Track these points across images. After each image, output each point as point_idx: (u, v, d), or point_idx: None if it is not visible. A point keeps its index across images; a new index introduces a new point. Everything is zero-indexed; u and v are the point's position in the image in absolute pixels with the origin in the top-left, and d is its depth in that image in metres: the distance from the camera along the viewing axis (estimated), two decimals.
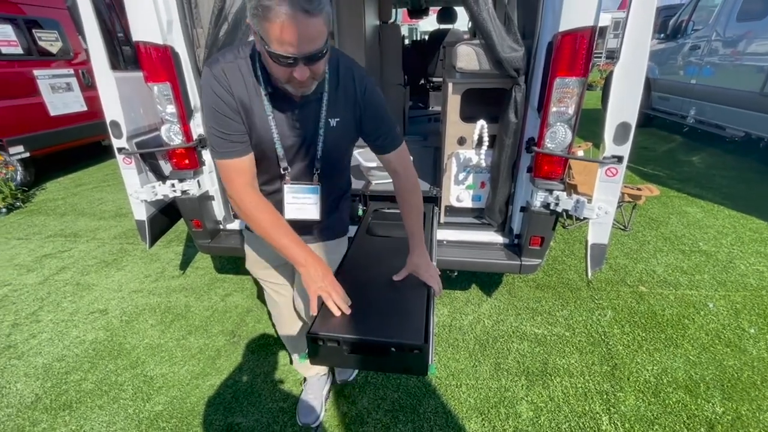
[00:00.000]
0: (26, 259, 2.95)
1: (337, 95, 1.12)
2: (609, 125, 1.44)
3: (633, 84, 1.38)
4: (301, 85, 0.98)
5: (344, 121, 1.14)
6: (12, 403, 1.73)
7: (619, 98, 1.40)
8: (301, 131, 1.11)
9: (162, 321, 2.22)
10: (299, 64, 0.90)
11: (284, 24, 0.83)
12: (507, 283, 2.47)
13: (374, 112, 1.16)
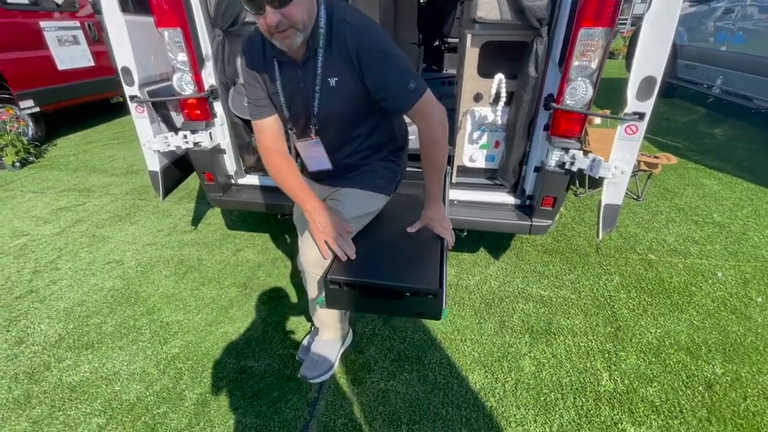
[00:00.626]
0: (43, 212, 3.01)
1: (331, 52, 1.09)
2: (633, 79, 1.39)
3: (663, 34, 1.31)
4: (283, 36, 1.00)
5: (343, 80, 1.12)
6: (37, 342, 1.82)
7: (647, 49, 1.34)
8: (303, 92, 1.17)
9: (176, 272, 2.29)
10: (266, 8, 0.93)
11: None
12: (515, 247, 2.48)
13: (380, 71, 1.07)
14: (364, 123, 1.28)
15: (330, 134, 1.26)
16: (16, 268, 2.34)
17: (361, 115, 1.24)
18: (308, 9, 1.01)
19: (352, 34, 1.06)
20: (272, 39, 1.02)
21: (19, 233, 2.72)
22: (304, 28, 1.01)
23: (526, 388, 1.59)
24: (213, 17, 1.75)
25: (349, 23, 1.07)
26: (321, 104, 1.17)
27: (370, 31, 1.08)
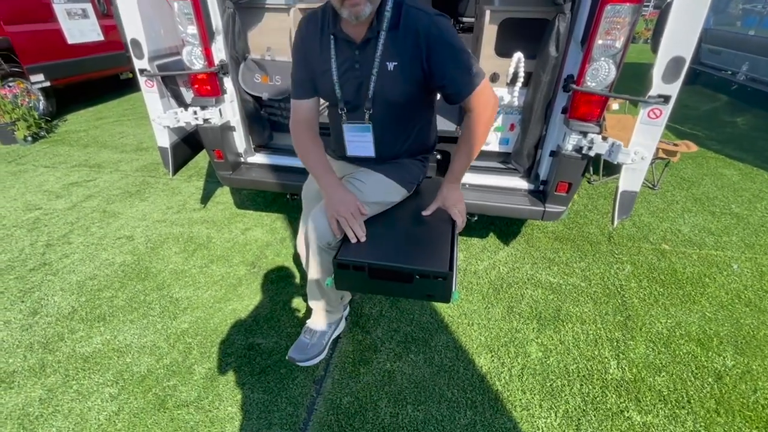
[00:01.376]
0: (54, 186, 3.04)
1: (396, 36, 1.10)
2: (661, 58, 1.32)
3: (695, 11, 1.23)
4: (353, 3, 1.00)
5: (403, 65, 1.13)
6: (51, 313, 1.85)
7: (677, 28, 1.27)
8: (359, 72, 1.16)
9: (185, 249, 2.30)
10: None
11: None
12: (525, 234, 2.44)
13: (446, 56, 1.09)
14: (415, 115, 1.29)
15: (382, 121, 1.25)
16: (30, 241, 2.38)
17: (415, 103, 1.24)
18: None
19: (425, 20, 1.08)
20: (341, 7, 1.02)
21: (32, 207, 2.75)
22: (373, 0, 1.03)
23: (533, 373, 1.58)
24: None
25: (422, 10, 1.09)
26: (377, 87, 1.17)
27: (442, 20, 1.09)
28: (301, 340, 1.48)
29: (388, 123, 1.25)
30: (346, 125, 1.28)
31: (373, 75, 1.15)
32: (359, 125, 1.26)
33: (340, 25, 1.13)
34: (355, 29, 1.12)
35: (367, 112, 1.22)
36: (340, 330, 1.64)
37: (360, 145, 1.32)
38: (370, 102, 1.20)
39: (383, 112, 1.22)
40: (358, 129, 1.28)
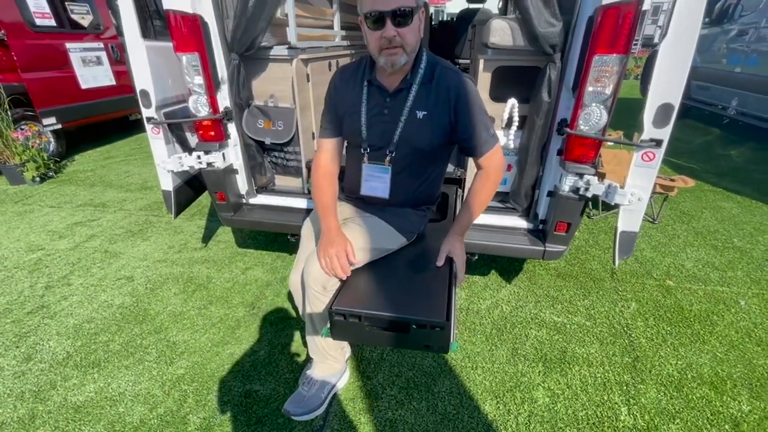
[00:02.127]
0: (58, 226, 3.07)
1: (429, 90, 1.22)
2: (650, 105, 1.37)
3: (680, 60, 1.29)
4: (391, 53, 1.13)
5: (432, 116, 1.23)
6: (45, 359, 1.82)
7: (664, 76, 1.32)
8: (387, 118, 1.27)
9: (184, 290, 2.29)
10: (387, 22, 1.08)
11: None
12: (527, 271, 2.43)
13: (472, 114, 1.22)
14: (432, 164, 1.38)
15: (401, 165, 1.33)
16: (30, 283, 2.37)
17: (435, 151, 1.34)
18: (417, 39, 1.18)
19: (456, 79, 1.24)
20: (379, 55, 1.17)
21: (35, 247, 2.76)
22: (410, 52, 1.17)
23: (540, 421, 1.52)
24: (230, 42, 1.80)
25: (454, 71, 1.26)
26: (403, 133, 1.26)
27: (470, 81, 1.25)
28: (299, 392, 1.44)
29: (406, 168, 1.33)
30: (366, 165, 1.36)
31: (401, 122, 1.25)
32: (379, 167, 1.35)
33: (375, 74, 1.27)
34: (389, 79, 1.25)
35: (389, 155, 1.31)
36: (342, 383, 1.59)
37: (376, 186, 1.39)
38: (394, 146, 1.29)
39: (405, 157, 1.31)
40: (377, 170, 1.35)
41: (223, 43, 1.82)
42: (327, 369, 1.47)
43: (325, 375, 1.48)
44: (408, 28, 1.12)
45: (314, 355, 1.47)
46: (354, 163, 1.43)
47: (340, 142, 1.44)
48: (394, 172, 1.35)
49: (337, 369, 1.50)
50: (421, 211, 1.47)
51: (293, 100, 2.01)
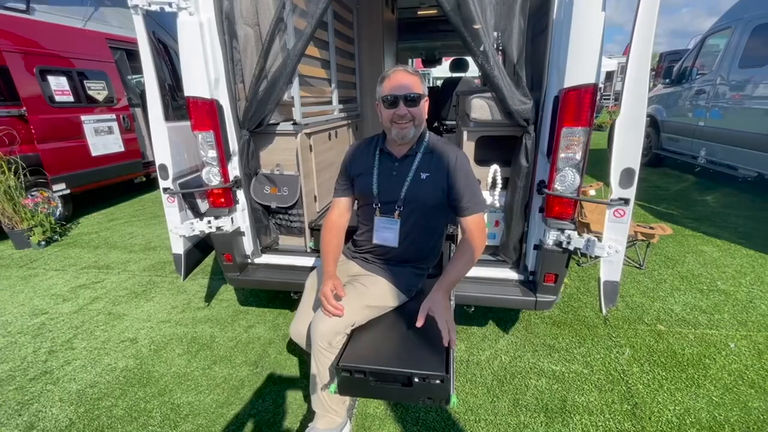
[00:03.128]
0: (62, 289, 3.12)
1: (431, 158, 1.50)
2: (614, 170, 1.56)
3: (634, 132, 1.51)
4: (401, 127, 1.42)
5: (433, 178, 1.49)
6: (47, 428, 1.81)
7: (622, 146, 1.53)
8: (395, 179, 1.52)
9: (188, 350, 2.32)
10: (400, 103, 1.40)
11: (393, 76, 1.43)
12: (523, 320, 2.50)
13: (462, 179, 1.47)
14: (435, 221, 1.60)
15: (408, 218, 1.55)
16: (33, 348, 2.39)
17: (437, 208, 1.56)
18: (423, 117, 1.49)
19: (453, 151, 1.53)
20: (391, 127, 1.47)
21: (39, 312, 2.80)
22: (417, 126, 1.48)
23: None
24: (241, 120, 2.02)
25: (451, 146, 1.57)
26: (409, 190, 1.52)
27: (463, 155, 1.54)
28: None
29: (413, 220, 1.54)
30: (378, 218, 1.57)
31: (407, 181, 1.50)
32: (389, 219, 1.57)
33: (386, 145, 1.57)
34: (398, 149, 1.53)
35: (398, 209, 1.52)
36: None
37: (387, 236, 1.59)
38: (402, 201, 1.51)
39: (411, 211, 1.53)
40: (388, 222, 1.57)
41: (234, 121, 2.04)
42: (329, 423, 1.51)
43: (328, 428, 1.51)
44: (417, 108, 1.43)
45: (317, 409, 1.51)
46: (367, 218, 1.64)
47: (350, 201, 1.70)
48: (402, 224, 1.56)
49: (338, 423, 1.54)
50: (420, 270, 1.62)
51: (297, 168, 2.20)
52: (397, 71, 1.45)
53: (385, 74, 1.48)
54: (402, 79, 1.42)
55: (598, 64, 1.54)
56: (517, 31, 1.70)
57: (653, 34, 1.41)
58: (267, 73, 1.93)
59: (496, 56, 1.70)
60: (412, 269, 1.59)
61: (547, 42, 1.65)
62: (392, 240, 1.56)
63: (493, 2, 1.67)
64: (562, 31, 1.58)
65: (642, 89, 1.47)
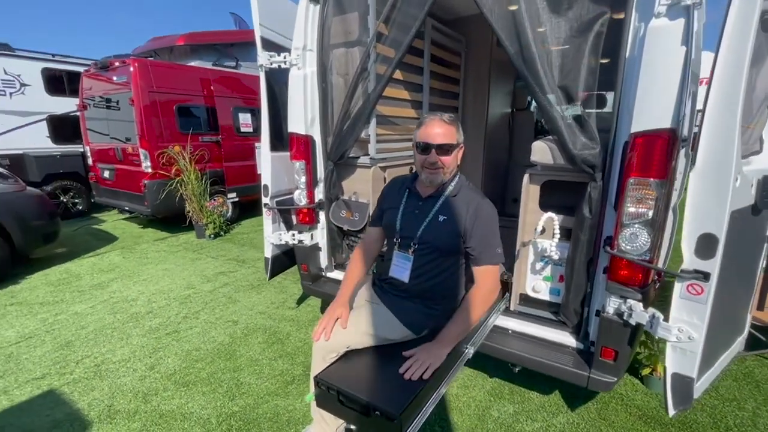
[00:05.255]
0: (209, 273, 4.08)
1: (454, 202, 1.53)
2: (688, 235, 1.26)
3: (716, 187, 1.20)
4: (431, 172, 1.49)
5: (451, 221, 1.52)
6: (161, 370, 2.42)
7: (700, 205, 1.23)
8: (416, 218, 1.59)
9: (266, 341, 2.74)
10: (432, 150, 1.45)
11: (429, 124, 1.48)
12: (600, 401, 2.08)
13: (480, 228, 1.48)
14: (446, 264, 1.58)
15: (420, 256, 1.58)
16: (176, 311, 3.21)
17: (450, 252, 1.57)
18: (454, 165, 1.55)
19: (478, 199, 1.54)
20: (422, 171, 1.53)
21: (189, 286, 3.73)
22: (447, 173, 1.52)
23: None
24: (328, 153, 2.37)
25: (478, 194, 1.58)
26: (425, 230, 1.55)
27: (488, 205, 1.54)
28: None
29: (425, 260, 1.56)
30: (396, 252, 1.64)
31: (426, 221, 1.54)
32: (405, 255, 1.60)
33: (416, 185, 1.63)
34: (425, 189, 1.59)
35: (413, 246, 1.56)
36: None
37: (400, 270, 1.62)
38: (417, 240, 1.55)
39: (425, 251, 1.55)
40: (403, 257, 1.61)
41: (323, 153, 2.41)
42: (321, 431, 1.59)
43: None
44: (448, 157, 1.47)
45: (313, 415, 1.63)
46: (389, 250, 1.71)
47: (381, 231, 1.79)
48: (415, 261, 1.57)
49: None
50: (432, 309, 1.57)
51: (369, 197, 2.43)
52: (434, 119, 1.47)
53: (423, 120, 1.51)
54: (436, 127, 1.46)
55: (676, 106, 1.29)
56: (585, 71, 1.56)
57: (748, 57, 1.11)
58: (350, 113, 2.24)
59: (558, 96, 1.59)
60: (423, 307, 1.57)
61: (617, 81, 1.47)
62: (404, 275, 1.58)
63: (560, 42, 1.58)
64: (634, 69, 1.39)
65: (729, 130, 1.16)
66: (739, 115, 1.14)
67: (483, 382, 2.29)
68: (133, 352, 2.62)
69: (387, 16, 2.01)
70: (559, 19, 1.58)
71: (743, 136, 1.48)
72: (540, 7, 1.58)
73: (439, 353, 1.38)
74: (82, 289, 3.70)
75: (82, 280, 3.91)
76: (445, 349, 1.40)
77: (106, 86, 5.52)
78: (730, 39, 1.11)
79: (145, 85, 5.08)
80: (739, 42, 1.10)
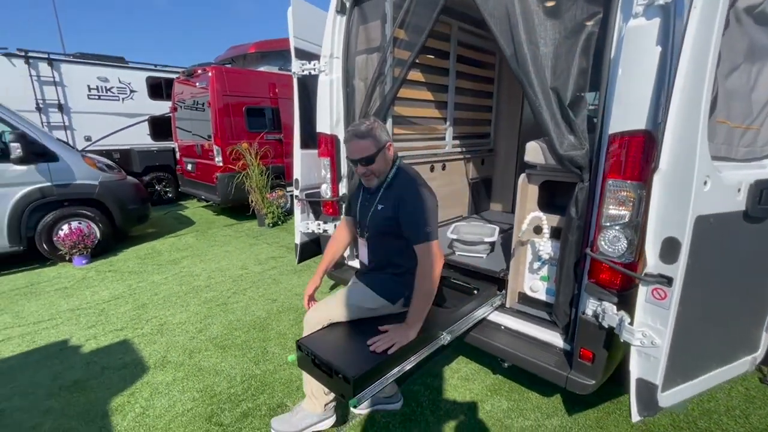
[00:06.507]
0: (262, 257, 4.57)
1: (388, 193, 1.70)
2: (652, 238, 1.23)
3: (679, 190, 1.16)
4: (365, 178, 1.71)
5: (386, 209, 1.70)
6: (206, 335, 2.86)
7: (664, 207, 1.20)
8: (366, 208, 1.79)
9: (295, 319, 3.06)
10: (358, 165, 1.64)
11: (348, 144, 1.64)
12: (601, 410, 2.01)
13: (406, 214, 1.62)
14: (391, 243, 1.75)
15: (371, 241, 1.81)
16: (228, 287, 3.70)
17: (390, 234, 1.72)
18: (384, 166, 1.68)
19: (406, 187, 1.67)
20: (362, 178, 1.75)
21: (243, 267, 4.24)
22: (379, 176, 1.70)
23: None
24: None
25: (408, 180, 1.69)
26: (371, 219, 1.76)
27: (413, 189, 1.65)
28: (287, 415, 1.89)
29: (375, 243, 1.78)
30: (359, 239, 1.86)
31: (370, 213, 1.73)
32: (363, 241, 1.83)
33: None
34: (370, 186, 1.75)
35: (366, 233, 1.78)
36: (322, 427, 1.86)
37: (363, 254, 1.87)
38: (366, 228, 1.77)
39: (372, 236, 1.76)
40: (362, 244, 1.84)
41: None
42: (310, 406, 1.82)
43: (308, 411, 1.83)
44: (374, 164, 1.62)
45: (305, 389, 1.85)
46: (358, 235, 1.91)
47: (351, 219, 1.95)
48: (369, 245, 1.80)
49: (318, 412, 1.82)
50: (398, 269, 1.74)
51: None
52: (352, 141, 1.62)
53: (345, 137, 1.72)
54: (353, 145, 1.62)
55: (652, 108, 1.27)
56: (576, 72, 1.56)
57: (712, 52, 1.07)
58: (370, 113, 2.43)
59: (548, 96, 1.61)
60: (391, 275, 1.74)
61: (602, 82, 1.45)
62: (365, 258, 1.84)
63: (551, 44, 1.60)
64: (616, 69, 1.38)
65: (691, 132, 1.13)
66: (703, 114, 1.09)
67: (485, 377, 2.34)
68: (189, 317, 3.13)
69: (402, 20, 2.16)
70: (552, 21, 1.60)
71: (743, 138, 1.38)
72: (534, 9, 1.61)
73: (406, 333, 1.52)
74: (161, 263, 4.41)
75: (162, 256, 4.65)
76: (411, 330, 1.53)
77: (192, 90, 6.40)
78: (694, 31, 1.07)
79: (221, 89, 5.80)
80: (703, 34, 1.06)
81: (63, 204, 4.34)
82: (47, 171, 4.12)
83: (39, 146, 4.03)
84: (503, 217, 3.44)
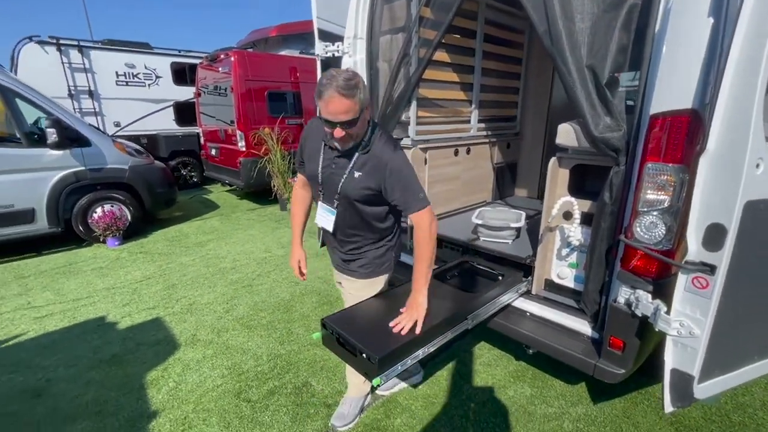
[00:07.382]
0: (284, 241, 4.65)
1: (367, 158, 1.49)
2: (695, 224, 1.17)
3: (727, 175, 1.09)
4: (340, 142, 1.43)
5: (365, 177, 1.49)
6: (232, 315, 2.95)
7: (709, 193, 1.13)
8: (335, 171, 1.54)
9: (318, 302, 3.11)
10: (336, 127, 1.35)
11: (328, 100, 1.30)
12: (628, 399, 1.98)
13: (398, 183, 1.46)
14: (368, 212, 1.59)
15: (342, 210, 1.60)
16: (253, 270, 3.79)
17: (370, 204, 1.56)
18: (362, 128, 1.45)
19: (391, 154, 1.47)
20: (331, 140, 1.45)
21: (267, 251, 4.33)
22: (356, 139, 1.45)
23: None
24: None
25: (390, 147, 1.50)
26: (343, 186, 1.53)
27: (400, 158, 1.49)
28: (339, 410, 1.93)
29: (345, 212, 1.59)
30: (320, 203, 1.67)
31: (343, 178, 1.51)
32: (328, 207, 1.62)
33: None
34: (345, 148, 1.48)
35: (336, 201, 1.58)
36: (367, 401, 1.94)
37: (325, 221, 1.67)
38: (338, 195, 1.55)
39: (345, 204, 1.57)
40: (326, 210, 1.64)
41: None
42: (353, 391, 1.90)
43: (352, 396, 1.90)
44: (354, 128, 1.37)
45: (348, 383, 1.91)
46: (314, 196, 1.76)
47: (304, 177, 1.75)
48: (338, 214, 1.59)
49: (362, 390, 1.91)
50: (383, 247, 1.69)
51: None
52: (332, 96, 1.29)
53: (321, 90, 1.31)
54: (337, 104, 1.29)
55: (699, 86, 1.19)
56: (615, 49, 1.48)
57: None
58: (393, 97, 2.38)
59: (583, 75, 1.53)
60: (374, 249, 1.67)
61: (644, 59, 1.37)
62: (329, 225, 1.64)
63: (588, 19, 1.51)
64: (661, 45, 1.29)
65: (745, 110, 1.05)
66: (759, 91, 1.01)
67: (507, 363, 2.32)
68: (216, 298, 3.23)
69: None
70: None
71: None
72: None
73: (418, 301, 1.50)
74: (188, 245, 4.56)
75: (189, 239, 4.80)
76: (420, 295, 1.50)
77: (215, 75, 6.46)
78: None
79: (243, 73, 5.83)
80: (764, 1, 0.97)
81: (96, 188, 4.51)
82: (81, 156, 4.27)
83: (73, 132, 4.18)
84: (528, 203, 3.35)
